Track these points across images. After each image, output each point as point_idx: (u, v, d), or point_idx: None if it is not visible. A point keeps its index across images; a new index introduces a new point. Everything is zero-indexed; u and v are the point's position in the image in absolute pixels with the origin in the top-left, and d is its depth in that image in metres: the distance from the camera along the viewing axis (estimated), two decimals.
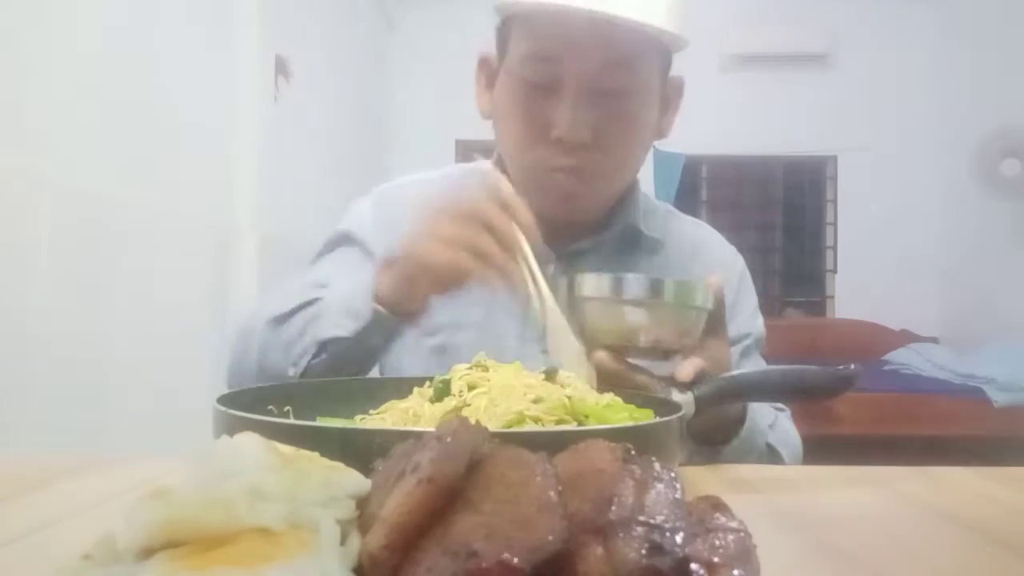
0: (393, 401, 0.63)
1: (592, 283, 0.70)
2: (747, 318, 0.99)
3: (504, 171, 0.95)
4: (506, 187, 0.72)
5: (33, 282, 1.52)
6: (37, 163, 1.54)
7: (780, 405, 0.98)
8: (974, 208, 4.40)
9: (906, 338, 4.50)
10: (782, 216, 5.24)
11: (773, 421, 0.91)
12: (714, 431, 0.78)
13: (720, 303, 0.74)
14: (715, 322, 0.75)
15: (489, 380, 0.59)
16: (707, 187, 5.12)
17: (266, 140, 2.63)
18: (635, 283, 0.69)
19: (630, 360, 0.70)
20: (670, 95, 0.95)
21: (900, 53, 4.79)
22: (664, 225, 1.01)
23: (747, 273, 1.04)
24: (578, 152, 0.86)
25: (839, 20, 4.75)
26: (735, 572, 0.28)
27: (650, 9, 0.81)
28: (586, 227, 0.96)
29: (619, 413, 0.58)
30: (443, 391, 0.60)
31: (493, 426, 0.52)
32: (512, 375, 0.60)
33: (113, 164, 1.80)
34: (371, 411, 0.63)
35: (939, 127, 4.71)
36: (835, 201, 4.96)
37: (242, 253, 2.47)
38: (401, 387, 0.66)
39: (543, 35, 0.85)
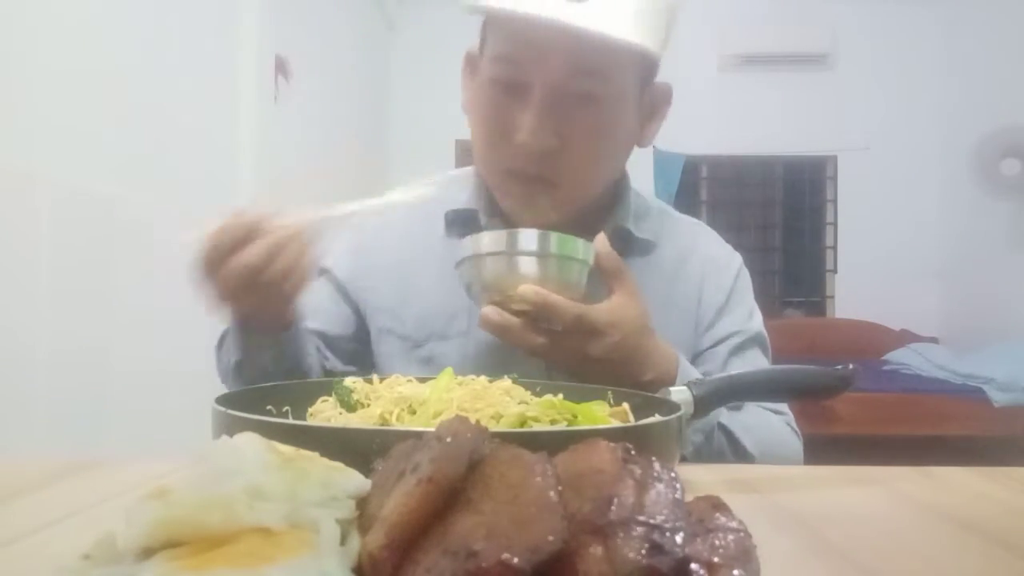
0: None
1: (489, 239, 0.77)
2: (739, 317, 0.98)
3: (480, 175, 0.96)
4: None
5: (33, 282, 1.52)
6: (37, 163, 1.54)
7: (782, 410, 0.97)
8: (974, 208, 4.40)
9: (906, 338, 4.50)
10: (782, 216, 5.24)
11: (739, 404, 0.89)
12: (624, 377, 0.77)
13: (609, 258, 0.78)
14: (613, 275, 0.79)
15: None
16: (707, 187, 5.12)
17: (266, 140, 2.63)
18: (525, 236, 0.76)
19: (515, 309, 0.76)
20: (655, 102, 0.93)
21: (900, 53, 4.79)
22: (658, 226, 1.00)
23: (744, 273, 1.02)
24: (542, 159, 0.84)
25: (839, 20, 4.75)
26: (735, 572, 0.28)
27: (618, 22, 0.79)
28: (572, 230, 0.95)
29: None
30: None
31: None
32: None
33: (113, 164, 1.80)
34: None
35: (939, 127, 4.72)
36: (835, 201, 4.96)
37: None
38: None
39: (512, 38, 0.84)
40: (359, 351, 0.98)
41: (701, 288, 0.97)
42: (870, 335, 4.56)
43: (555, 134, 0.83)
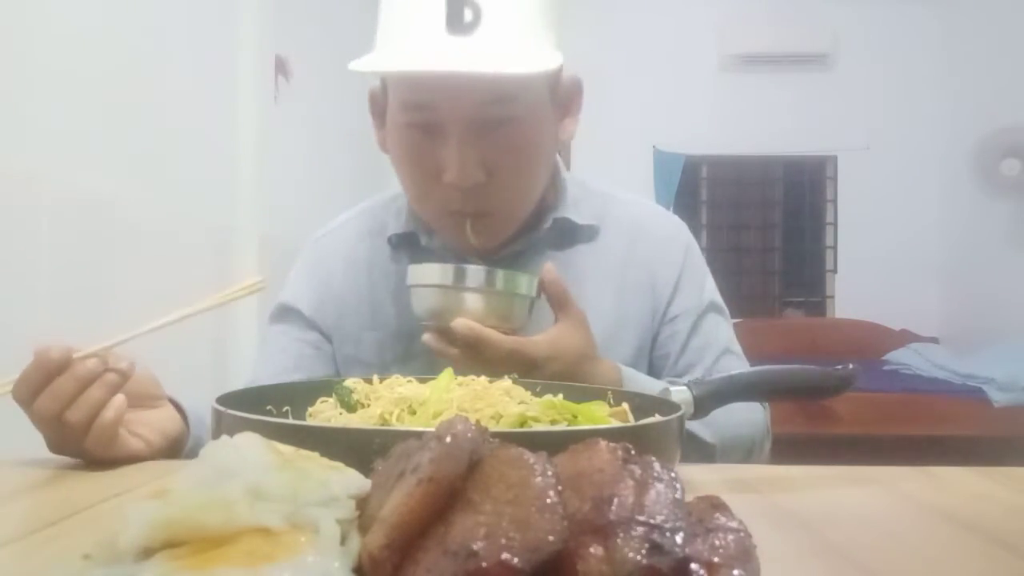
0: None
1: (432, 272, 0.79)
2: (692, 292, 0.98)
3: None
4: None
5: (33, 282, 1.52)
6: (37, 163, 1.54)
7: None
8: (974, 208, 4.40)
9: (906, 338, 4.50)
10: (782, 216, 5.23)
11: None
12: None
13: (552, 288, 0.79)
14: (557, 305, 0.80)
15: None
16: (707, 187, 5.11)
17: (266, 140, 2.63)
18: (469, 273, 0.78)
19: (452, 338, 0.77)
20: (568, 98, 0.93)
21: (900, 53, 4.78)
22: (600, 210, 0.99)
23: (694, 245, 1.01)
24: (475, 193, 0.84)
25: (839, 20, 4.75)
26: (735, 572, 0.28)
27: (510, 45, 0.79)
28: (517, 230, 0.94)
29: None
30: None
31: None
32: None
33: (113, 164, 1.80)
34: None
35: (939, 127, 4.71)
36: (835, 201, 4.96)
37: (242, 253, 2.47)
38: None
39: (414, 87, 0.84)
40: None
41: (653, 269, 0.97)
42: (870, 335, 4.56)
43: (480, 166, 0.83)
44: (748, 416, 0.92)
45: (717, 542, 0.29)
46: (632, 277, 0.96)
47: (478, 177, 0.83)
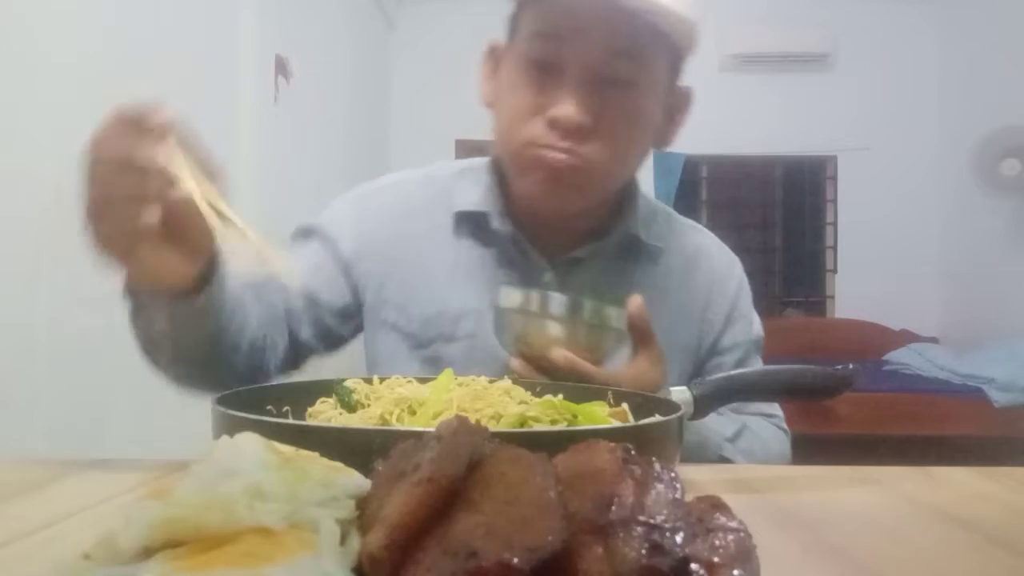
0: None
1: (519, 297, 0.77)
2: (744, 326, 0.99)
3: (498, 169, 0.94)
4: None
5: (33, 281, 1.52)
6: (37, 163, 1.54)
7: (773, 411, 0.98)
8: (974, 208, 4.40)
9: (906, 338, 4.50)
10: (782, 216, 5.24)
11: (737, 431, 0.90)
12: None
13: (639, 323, 0.77)
14: (641, 340, 0.78)
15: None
16: (707, 187, 5.12)
17: (266, 140, 2.63)
18: (557, 301, 0.75)
19: (542, 366, 0.75)
20: (677, 104, 0.92)
21: (900, 53, 4.79)
22: (665, 231, 0.99)
23: (745, 279, 1.02)
24: (572, 136, 0.82)
25: (839, 20, 4.75)
26: (735, 572, 0.28)
27: None
28: (583, 235, 0.93)
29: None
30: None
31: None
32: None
33: None
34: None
35: (939, 127, 4.72)
36: (835, 201, 4.96)
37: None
38: None
39: (552, 14, 0.83)
40: (336, 330, 0.95)
41: (708, 297, 0.97)
42: (870, 335, 4.56)
43: (589, 113, 0.82)
44: (780, 449, 0.94)
45: (717, 542, 0.29)
46: (686, 304, 0.96)
47: (584, 119, 0.81)
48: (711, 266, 0.99)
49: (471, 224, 0.94)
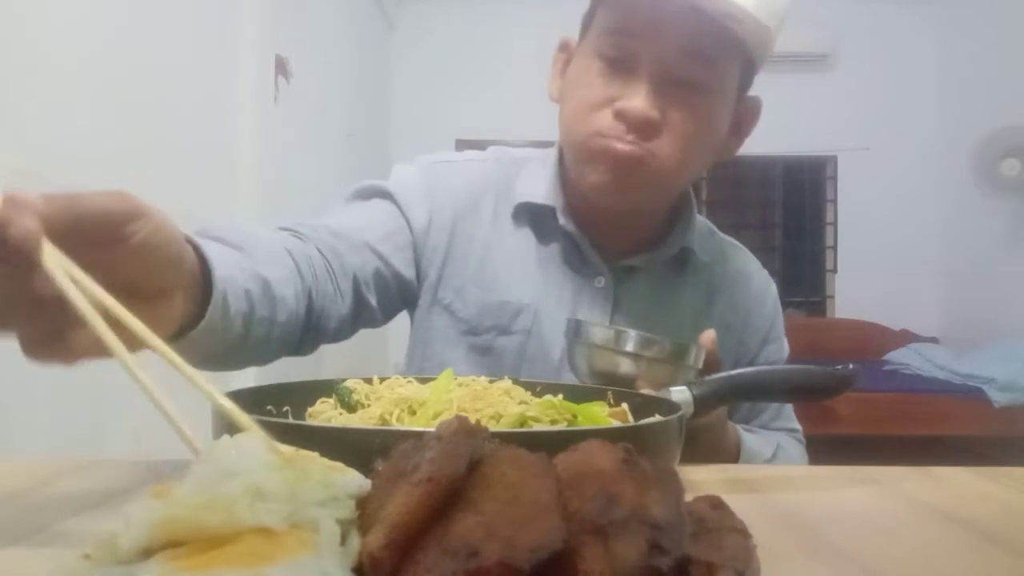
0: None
1: (598, 333, 0.76)
2: (777, 347, 1.00)
3: (560, 163, 0.93)
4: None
5: None
6: (37, 162, 1.54)
7: (794, 426, 1.00)
8: (974, 208, 4.40)
9: (906, 338, 4.50)
10: (782, 216, 5.24)
11: (773, 453, 0.91)
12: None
13: (712, 359, 0.76)
14: (709, 372, 0.77)
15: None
16: (707, 187, 5.12)
17: (266, 140, 2.63)
18: (642, 341, 0.74)
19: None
20: (744, 116, 0.92)
21: (900, 53, 4.79)
22: (716, 250, 1.00)
23: (779, 301, 1.04)
24: (638, 129, 0.81)
25: (839, 20, 4.75)
26: (735, 572, 0.28)
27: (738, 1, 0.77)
28: (638, 243, 0.94)
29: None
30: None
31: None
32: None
33: (112, 163, 1.80)
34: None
35: (939, 127, 4.71)
36: (835, 201, 4.96)
37: None
38: None
39: (628, 11, 0.82)
40: (395, 299, 0.92)
41: (747, 318, 0.98)
42: (870, 335, 4.56)
43: (658, 109, 0.81)
44: (803, 464, 0.96)
45: (717, 542, 0.29)
46: (728, 323, 0.96)
47: (653, 114, 0.80)
48: (751, 286, 1.00)
49: (531, 216, 0.94)
